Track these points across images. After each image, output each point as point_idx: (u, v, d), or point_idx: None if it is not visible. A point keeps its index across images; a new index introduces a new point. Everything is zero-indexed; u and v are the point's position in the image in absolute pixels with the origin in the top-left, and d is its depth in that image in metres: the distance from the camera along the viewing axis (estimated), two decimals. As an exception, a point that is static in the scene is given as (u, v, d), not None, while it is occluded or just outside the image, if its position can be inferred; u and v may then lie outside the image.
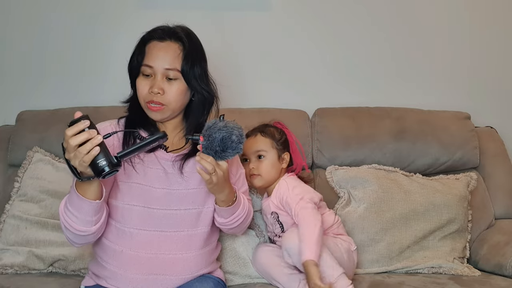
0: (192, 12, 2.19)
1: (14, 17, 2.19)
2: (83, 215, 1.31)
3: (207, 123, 1.35)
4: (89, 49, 2.21)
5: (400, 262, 1.82)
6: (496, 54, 2.33)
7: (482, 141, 2.09)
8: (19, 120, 2.00)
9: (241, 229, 1.60)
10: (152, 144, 1.27)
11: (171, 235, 1.43)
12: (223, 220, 1.49)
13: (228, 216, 1.48)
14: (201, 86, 1.46)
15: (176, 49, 1.44)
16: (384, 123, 2.05)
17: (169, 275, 1.42)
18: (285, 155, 1.74)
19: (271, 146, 1.72)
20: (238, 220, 1.51)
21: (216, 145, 1.32)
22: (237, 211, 1.49)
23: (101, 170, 1.20)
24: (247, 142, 1.71)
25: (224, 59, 2.22)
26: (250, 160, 1.72)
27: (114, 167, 1.21)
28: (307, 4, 2.26)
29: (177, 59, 1.43)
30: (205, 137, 1.33)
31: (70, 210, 1.31)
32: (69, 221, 1.32)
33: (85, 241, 1.38)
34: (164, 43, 1.44)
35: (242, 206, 1.51)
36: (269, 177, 1.71)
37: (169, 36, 1.44)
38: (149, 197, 1.42)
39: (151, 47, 1.44)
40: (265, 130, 1.76)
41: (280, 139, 1.75)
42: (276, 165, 1.72)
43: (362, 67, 2.29)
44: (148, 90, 1.42)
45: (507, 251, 1.77)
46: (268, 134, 1.74)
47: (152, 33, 1.46)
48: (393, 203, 1.85)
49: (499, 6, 2.32)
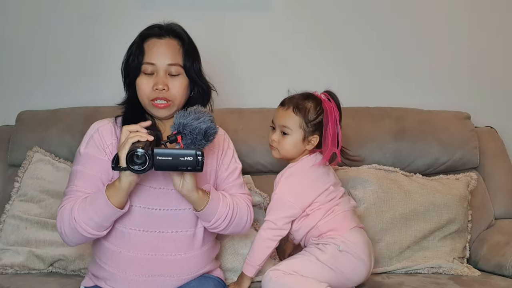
0: (191, 12, 2.19)
1: (14, 17, 2.19)
2: (102, 221, 1.33)
3: (178, 118, 1.33)
4: (89, 49, 2.21)
5: (400, 262, 1.82)
6: (496, 54, 2.33)
7: (482, 141, 2.09)
8: (19, 120, 2.00)
9: (239, 228, 1.51)
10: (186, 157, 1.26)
11: (169, 236, 1.43)
12: (208, 224, 1.43)
13: (210, 218, 1.42)
14: (201, 80, 1.49)
15: (176, 45, 1.46)
16: (384, 123, 2.05)
17: (168, 276, 1.42)
18: (313, 138, 1.61)
19: (299, 126, 1.60)
20: (225, 220, 1.44)
21: (200, 138, 1.32)
22: (217, 211, 1.42)
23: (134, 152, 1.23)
24: (278, 111, 1.65)
25: (224, 59, 2.22)
26: (275, 130, 1.65)
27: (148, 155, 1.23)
28: (306, 4, 2.26)
29: (178, 55, 1.45)
30: (185, 135, 1.32)
31: (89, 213, 1.32)
32: (81, 224, 1.32)
33: (83, 241, 1.39)
34: (163, 40, 1.45)
35: (225, 205, 1.44)
36: (287, 155, 1.63)
37: (168, 33, 1.46)
38: (147, 197, 1.42)
39: (151, 45, 1.45)
40: (301, 105, 1.61)
41: (314, 120, 1.60)
42: (299, 145, 1.62)
43: (362, 67, 2.29)
44: (153, 88, 1.42)
45: (507, 251, 1.77)
46: (301, 112, 1.60)
47: (150, 31, 1.47)
48: (393, 203, 1.85)
49: (499, 6, 2.32)
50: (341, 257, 1.53)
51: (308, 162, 1.64)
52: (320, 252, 1.54)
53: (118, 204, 1.32)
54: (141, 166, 1.24)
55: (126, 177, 1.29)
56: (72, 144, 1.88)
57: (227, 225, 1.46)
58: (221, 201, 1.44)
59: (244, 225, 1.52)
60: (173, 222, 1.43)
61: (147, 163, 1.24)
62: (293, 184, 1.62)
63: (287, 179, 1.63)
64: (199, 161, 1.25)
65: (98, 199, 1.32)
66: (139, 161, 1.24)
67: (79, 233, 1.34)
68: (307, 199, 1.60)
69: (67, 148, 1.91)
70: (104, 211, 1.32)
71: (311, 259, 1.53)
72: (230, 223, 1.46)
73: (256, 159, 1.97)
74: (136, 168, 1.24)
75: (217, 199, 1.43)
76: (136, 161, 1.24)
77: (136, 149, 1.24)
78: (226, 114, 2.00)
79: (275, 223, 1.58)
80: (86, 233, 1.33)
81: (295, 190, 1.61)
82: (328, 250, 1.54)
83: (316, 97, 1.65)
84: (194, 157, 1.25)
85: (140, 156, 1.24)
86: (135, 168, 1.24)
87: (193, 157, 1.25)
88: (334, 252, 1.53)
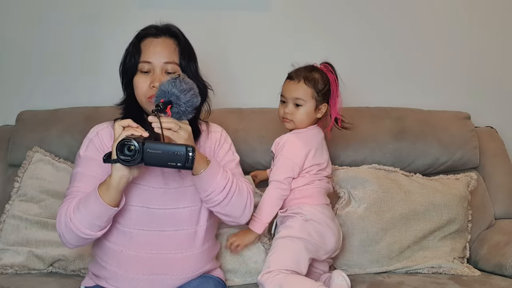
0: (191, 12, 2.19)
1: (14, 17, 2.18)
2: (95, 219, 1.32)
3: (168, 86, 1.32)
4: (88, 49, 2.21)
5: (400, 262, 1.82)
6: (496, 54, 2.33)
7: (482, 141, 2.09)
8: (19, 120, 2.00)
9: (237, 210, 1.44)
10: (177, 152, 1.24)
11: (170, 234, 1.43)
12: (204, 194, 1.39)
13: (207, 186, 1.38)
14: (197, 79, 1.50)
15: (172, 43, 1.48)
16: (384, 123, 2.05)
17: (169, 274, 1.42)
18: (323, 106, 1.73)
19: (311, 96, 1.70)
20: (222, 192, 1.39)
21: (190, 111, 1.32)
22: (215, 179, 1.38)
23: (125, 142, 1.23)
24: (288, 85, 1.74)
25: (224, 59, 2.22)
26: (287, 104, 1.72)
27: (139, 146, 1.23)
28: (306, 4, 2.26)
29: (174, 53, 1.47)
30: (178, 105, 1.31)
31: (82, 212, 1.32)
32: (76, 223, 1.32)
33: (81, 243, 1.38)
34: (159, 39, 1.48)
35: (224, 177, 1.40)
36: (301, 125, 1.73)
37: (164, 32, 1.49)
38: (147, 197, 1.43)
39: (147, 44, 1.47)
40: (310, 77, 1.72)
41: (323, 90, 1.72)
42: (312, 115, 1.72)
43: (362, 67, 2.29)
44: (149, 85, 1.43)
45: (507, 251, 1.77)
46: (311, 83, 1.71)
47: (146, 31, 1.49)
48: (393, 203, 1.85)
49: (499, 6, 2.32)
50: (308, 226, 1.64)
51: (316, 132, 1.75)
52: (289, 229, 1.64)
53: (110, 201, 1.31)
54: (131, 157, 1.24)
55: (116, 171, 1.28)
56: (72, 144, 1.89)
57: (224, 200, 1.40)
58: (221, 172, 1.40)
59: (243, 209, 1.46)
60: (174, 221, 1.44)
61: (136, 154, 1.23)
62: (300, 148, 1.70)
63: (295, 143, 1.70)
64: (190, 158, 1.24)
65: (91, 197, 1.32)
66: (129, 153, 1.24)
67: (74, 233, 1.33)
68: (305, 165, 1.70)
69: (67, 148, 1.91)
70: (96, 209, 1.31)
71: (285, 243, 1.61)
72: (228, 198, 1.41)
73: (256, 159, 1.97)
74: (124, 158, 1.24)
75: (217, 168, 1.40)
76: (125, 152, 1.24)
77: (125, 140, 1.23)
78: (226, 114, 2.00)
79: (284, 183, 1.67)
80: (80, 233, 1.32)
81: (301, 154, 1.70)
82: (295, 223, 1.64)
83: (319, 68, 1.76)
84: (185, 153, 1.24)
85: (130, 147, 1.23)
86: (124, 158, 1.24)
87: (183, 153, 1.24)
88: (301, 222, 1.64)
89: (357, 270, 1.80)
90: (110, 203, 1.31)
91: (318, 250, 1.64)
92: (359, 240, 1.82)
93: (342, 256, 1.82)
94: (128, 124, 1.29)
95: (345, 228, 1.83)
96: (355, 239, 1.82)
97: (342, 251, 1.81)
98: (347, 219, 1.84)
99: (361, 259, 1.81)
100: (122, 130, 1.28)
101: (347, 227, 1.83)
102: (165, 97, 1.30)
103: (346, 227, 1.83)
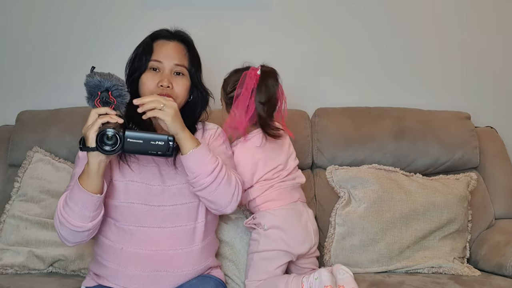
0: (191, 12, 2.19)
1: (14, 17, 2.19)
2: (82, 209, 1.32)
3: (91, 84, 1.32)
4: (89, 49, 2.21)
5: (400, 262, 1.82)
6: (496, 54, 2.33)
7: (482, 141, 2.09)
8: (19, 120, 2.00)
9: (224, 197, 1.41)
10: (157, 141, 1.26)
11: (170, 231, 1.44)
12: (192, 176, 1.36)
13: (194, 168, 1.35)
14: (202, 86, 1.55)
15: (183, 49, 1.53)
16: (384, 123, 2.05)
17: (170, 271, 1.43)
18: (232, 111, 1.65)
19: (223, 98, 1.70)
20: (211, 175, 1.36)
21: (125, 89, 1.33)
22: (204, 161, 1.36)
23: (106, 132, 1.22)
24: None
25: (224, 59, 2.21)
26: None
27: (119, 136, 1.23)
28: (307, 4, 2.26)
29: (185, 58, 1.52)
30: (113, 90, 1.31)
31: (69, 204, 1.32)
32: (66, 216, 1.32)
33: (78, 239, 1.38)
34: (172, 42, 1.53)
35: (214, 160, 1.38)
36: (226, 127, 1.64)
37: (176, 37, 1.54)
38: (146, 194, 1.44)
39: (160, 44, 1.52)
40: (227, 78, 1.70)
41: (229, 93, 1.66)
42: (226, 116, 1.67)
43: (362, 67, 2.29)
44: (157, 84, 1.46)
45: (507, 251, 1.77)
46: (224, 84, 1.70)
47: (159, 33, 1.54)
48: (393, 203, 1.85)
49: (499, 6, 2.32)
50: (270, 234, 1.61)
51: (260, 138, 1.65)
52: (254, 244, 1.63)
53: (92, 189, 1.31)
54: (112, 147, 1.24)
55: (94, 158, 1.28)
56: (72, 144, 1.89)
57: (211, 184, 1.37)
58: (210, 156, 1.38)
59: (231, 198, 1.42)
60: (173, 217, 1.45)
61: (118, 144, 1.24)
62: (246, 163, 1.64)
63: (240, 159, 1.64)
64: (170, 147, 1.26)
65: (74, 190, 1.32)
66: (109, 142, 1.24)
67: (67, 228, 1.34)
68: (255, 178, 1.65)
69: (67, 148, 1.91)
70: (81, 199, 1.31)
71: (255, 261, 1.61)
72: (215, 183, 1.37)
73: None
74: (106, 149, 1.24)
75: (206, 151, 1.38)
76: (106, 141, 1.24)
77: (107, 129, 1.23)
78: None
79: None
80: (73, 226, 1.33)
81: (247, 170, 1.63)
82: (257, 236, 1.62)
83: (243, 70, 1.67)
84: (166, 142, 1.25)
85: (111, 136, 1.23)
86: (106, 149, 1.24)
87: (164, 142, 1.25)
88: (262, 234, 1.61)
89: (357, 269, 1.80)
90: (92, 190, 1.31)
91: (290, 251, 1.61)
92: (359, 240, 1.82)
93: (343, 255, 1.82)
94: (106, 112, 1.29)
95: (345, 228, 1.84)
96: (355, 239, 1.82)
97: (342, 251, 1.82)
98: (347, 219, 1.84)
99: (361, 258, 1.81)
100: (96, 117, 1.27)
101: (347, 227, 1.83)
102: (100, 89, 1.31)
103: (346, 227, 1.84)
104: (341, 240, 1.84)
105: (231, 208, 1.45)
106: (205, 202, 1.43)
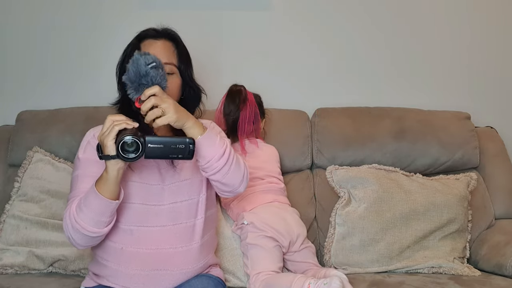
0: (191, 12, 2.19)
1: (14, 17, 2.19)
2: (99, 216, 1.32)
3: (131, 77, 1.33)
4: (88, 49, 2.21)
5: (400, 262, 1.82)
6: (496, 54, 2.33)
7: (482, 141, 2.09)
8: (19, 120, 2.00)
9: (237, 177, 1.42)
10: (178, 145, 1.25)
11: (170, 229, 1.44)
12: (204, 161, 1.36)
13: (207, 152, 1.35)
14: (193, 83, 1.53)
15: (171, 46, 1.51)
16: (384, 123, 2.05)
17: (170, 269, 1.43)
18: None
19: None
20: (222, 158, 1.36)
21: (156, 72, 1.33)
22: (214, 144, 1.36)
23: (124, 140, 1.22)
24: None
25: (224, 59, 2.22)
26: None
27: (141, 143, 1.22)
28: (307, 4, 2.26)
29: (173, 56, 1.49)
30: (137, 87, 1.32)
31: (84, 211, 1.32)
32: (80, 222, 1.32)
33: (91, 243, 1.39)
34: (159, 41, 1.50)
35: (222, 142, 1.38)
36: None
37: (163, 35, 1.51)
38: (146, 194, 1.44)
39: (147, 45, 1.49)
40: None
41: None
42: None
43: (362, 67, 2.29)
44: None
45: (507, 251, 1.77)
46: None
47: (146, 33, 1.52)
48: (393, 203, 1.85)
49: (499, 6, 2.32)
50: (255, 223, 1.69)
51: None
52: (244, 237, 1.71)
53: (109, 195, 1.31)
54: (134, 153, 1.23)
55: (113, 166, 1.28)
56: (72, 144, 1.89)
57: (224, 166, 1.37)
58: (219, 139, 1.38)
59: (242, 177, 1.43)
60: (173, 215, 1.45)
61: (140, 151, 1.23)
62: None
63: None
64: (190, 149, 1.25)
65: (90, 195, 1.32)
66: (130, 149, 1.23)
67: (82, 233, 1.33)
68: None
69: (67, 148, 1.91)
70: (97, 206, 1.31)
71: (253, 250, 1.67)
72: (228, 164, 1.38)
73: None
74: (130, 157, 1.23)
75: (214, 135, 1.38)
76: (128, 149, 1.23)
77: (125, 136, 1.22)
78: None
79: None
80: (87, 232, 1.33)
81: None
82: (246, 231, 1.70)
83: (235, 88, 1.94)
84: (187, 145, 1.25)
85: (131, 143, 1.23)
86: (129, 157, 1.23)
87: (185, 145, 1.25)
88: (248, 227, 1.70)
89: (357, 269, 1.80)
90: (110, 197, 1.31)
91: (275, 237, 1.67)
92: (359, 239, 1.82)
93: (343, 255, 1.82)
94: (123, 120, 1.28)
95: (345, 228, 1.84)
96: (355, 239, 1.82)
97: (342, 251, 1.82)
98: (347, 219, 1.84)
99: (361, 258, 1.81)
100: (111, 123, 1.27)
101: (347, 227, 1.84)
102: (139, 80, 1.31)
103: (346, 227, 1.84)
104: (341, 240, 1.84)
105: (243, 186, 1.46)
106: (218, 185, 1.43)
